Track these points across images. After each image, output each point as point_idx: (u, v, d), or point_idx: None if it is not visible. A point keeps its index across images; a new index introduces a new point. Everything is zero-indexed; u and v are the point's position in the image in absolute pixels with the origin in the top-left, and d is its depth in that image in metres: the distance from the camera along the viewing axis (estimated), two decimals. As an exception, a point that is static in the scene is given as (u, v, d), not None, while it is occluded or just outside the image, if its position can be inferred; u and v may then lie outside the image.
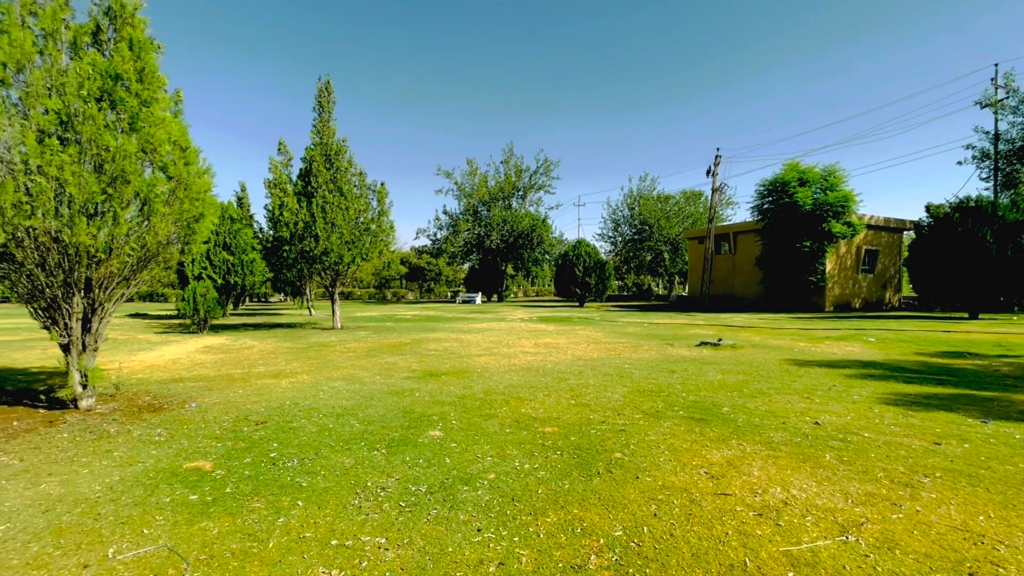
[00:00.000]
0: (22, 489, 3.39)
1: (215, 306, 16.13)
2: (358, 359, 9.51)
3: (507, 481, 3.48)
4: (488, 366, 8.49)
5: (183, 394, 6.49)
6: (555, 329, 15.82)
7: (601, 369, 8.05)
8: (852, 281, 26.83)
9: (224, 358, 9.89)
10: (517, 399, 5.96)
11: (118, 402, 6.06)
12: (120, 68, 5.28)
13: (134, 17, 5.63)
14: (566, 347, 11.04)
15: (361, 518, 2.92)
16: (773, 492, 3.26)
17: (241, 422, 5.08)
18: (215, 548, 2.57)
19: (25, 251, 5.03)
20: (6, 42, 4.81)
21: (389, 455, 4.03)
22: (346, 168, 16.10)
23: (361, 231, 16.30)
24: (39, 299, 5.39)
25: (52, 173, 4.79)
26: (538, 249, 46.29)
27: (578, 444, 4.27)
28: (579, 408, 5.51)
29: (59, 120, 5.00)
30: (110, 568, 2.40)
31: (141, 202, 5.61)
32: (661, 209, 46.92)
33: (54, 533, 2.75)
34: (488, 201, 46.99)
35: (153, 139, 5.51)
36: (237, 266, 24.52)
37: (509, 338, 13.09)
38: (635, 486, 3.38)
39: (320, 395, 6.33)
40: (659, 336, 13.31)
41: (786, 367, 8.17)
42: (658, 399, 5.91)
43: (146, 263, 6.03)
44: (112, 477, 3.59)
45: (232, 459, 3.96)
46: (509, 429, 4.73)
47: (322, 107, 16.05)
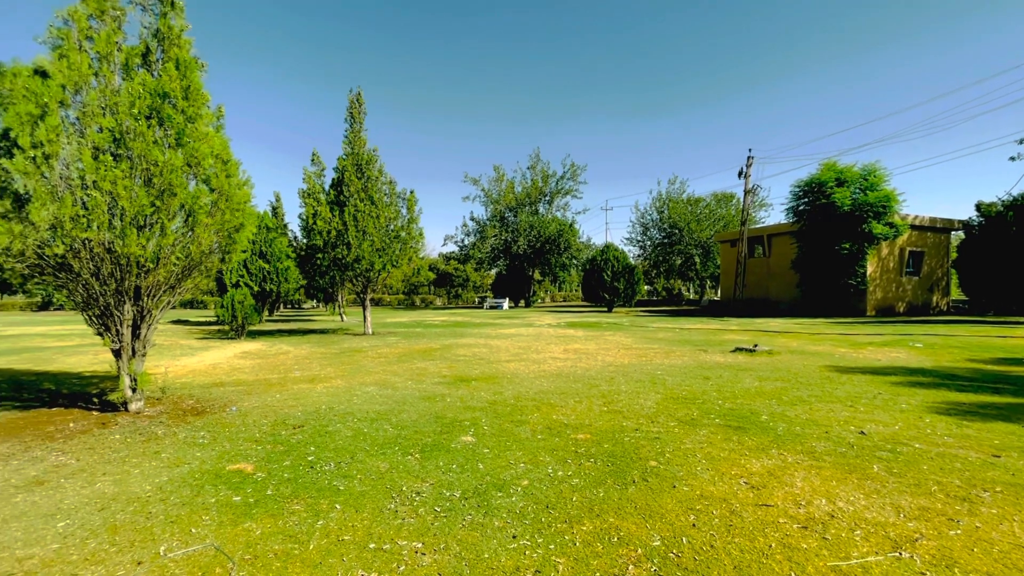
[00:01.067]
0: (79, 487, 3.57)
1: (252, 313, 16.67)
2: (390, 364, 9.65)
3: (541, 488, 3.47)
4: (518, 372, 8.48)
5: (224, 398, 6.72)
6: (584, 335, 15.70)
7: (632, 375, 7.94)
8: (895, 284, 25.70)
9: (261, 363, 10.19)
10: (548, 405, 5.94)
11: (164, 405, 6.31)
12: (167, 87, 5.55)
13: (180, 38, 5.91)
14: (596, 353, 10.94)
15: (397, 522, 2.96)
16: (818, 504, 3.13)
17: (279, 426, 5.22)
18: (259, 548, 2.65)
19: (81, 261, 5.32)
20: (65, 65, 5.12)
21: (423, 460, 4.07)
22: (377, 177, 16.45)
23: (391, 238, 16.60)
24: (94, 307, 5.69)
25: (106, 188, 5.07)
26: (565, 254, 46.14)
27: (612, 451, 4.22)
28: (611, 415, 5.45)
29: (112, 137, 5.29)
30: (162, 565, 2.49)
31: (186, 213, 5.86)
32: (691, 212, 46.08)
33: (110, 530, 2.88)
34: (515, 207, 47.16)
35: (197, 153, 5.76)
36: (272, 274, 25.33)
37: (538, 344, 13.06)
38: (672, 495, 3.31)
39: (354, 400, 6.45)
40: (691, 342, 13.04)
41: (827, 374, 7.87)
42: (693, 406, 5.78)
43: (190, 272, 6.29)
44: (161, 477, 3.75)
45: (272, 462, 4.07)
46: (541, 435, 4.71)
47: (353, 118, 16.46)
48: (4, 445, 4.65)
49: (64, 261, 5.29)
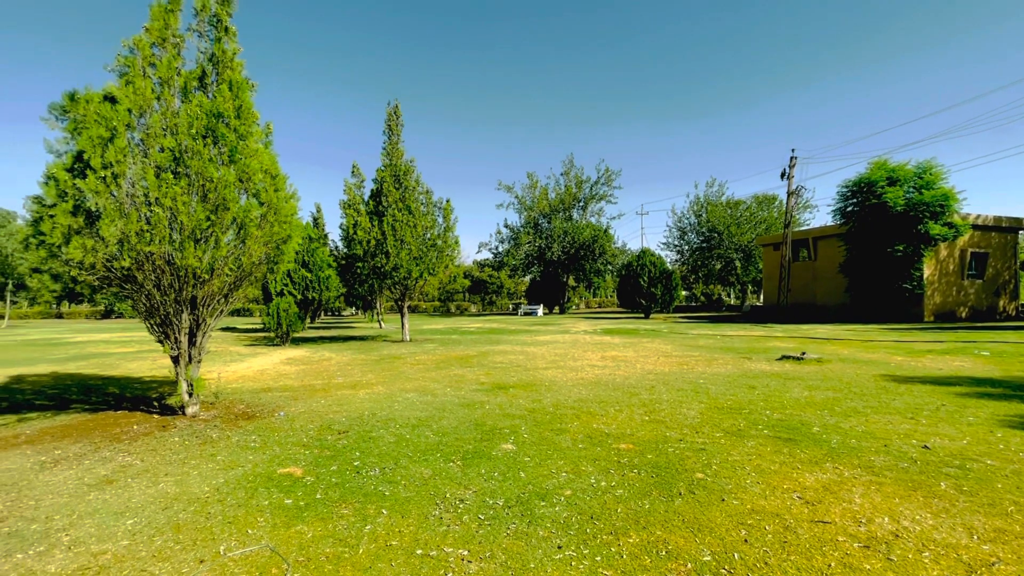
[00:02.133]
0: (144, 487, 3.78)
1: (296, 320, 17.27)
2: (428, 371, 9.79)
3: (584, 498, 3.43)
4: (555, 379, 8.44)
5: (272, 403, 6.98)
6: (621, 342, 15.48)
7: (674, 384, 7.76)
8: (956, 288, 24.16)
9: (306, 369, 10.53)
10: (588, 414, 5.88)
11: (217, 409, 6.61)
12: (222, 107, 5.87)
13: (233, 61, 6.24)
14: (634, 360, 10.76)
15: (443, 529, 2.99)
16: (880, 522, 2.97)
17: (325, 431, 5.38)
18: (311, 551, 2.73)
19: (145, 273, 5.66)
20: (131, 91, 5.50)
21: (465, 467, 4.10)
22: (414, 187, 16.79)
23: (428, 247, 16.89)
24: (155, 315, 6.04)
25: (167, 204, 5.39)
26: (600, 260, 45.68)
27: (655, 462, 4.13)
28: (654, 425, 5.34)
29: (173, 156, 5.62)
30: (222, 564, 2.61)
31: (238, 226, 6.15)
32: (731, 215, 44.82)
33: (173, 529, 3.04)
34: (549, 213, 47.11)
35: (248, 169, 6.05)
36: (314, 282, 26.17)
37: (574, 351, 12.97)
38: (721, 509, 3.21)
39: (395, 406, 6.57)
40: (734, 349, 12.64)
41: (883, 384, 7.46)
42: (739, 417, 5.60)
43: (241, 282, 6.59)
44: (218, 479, 3.92)
45: (320, 466, 4.19)
46: (582, 444, 4.66)
47: (391, 130, 16.89)
48: (77, 445, 4.98)
49: (130, 273, 5.64)
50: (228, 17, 6.28)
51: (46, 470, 4.25)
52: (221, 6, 6.25)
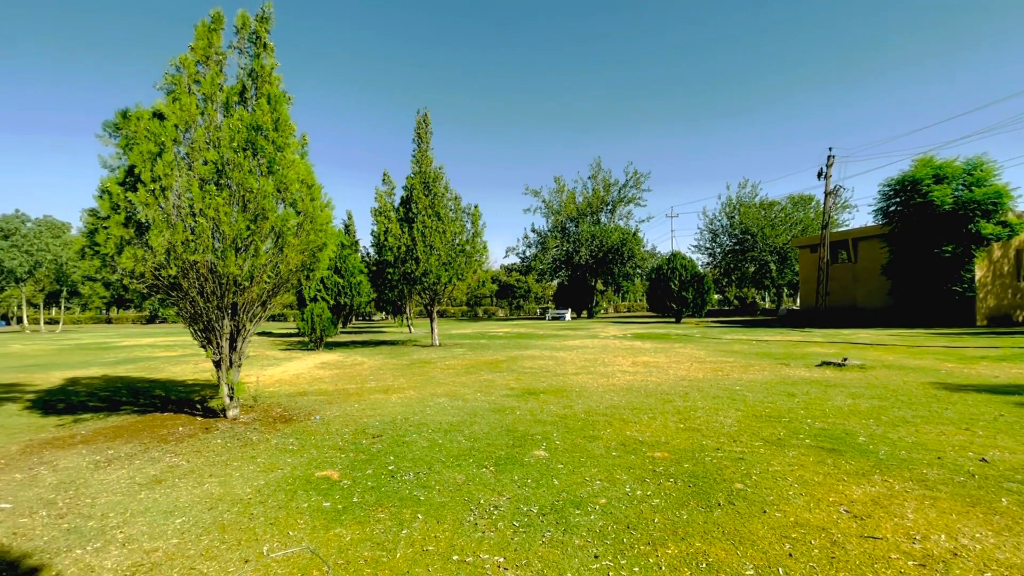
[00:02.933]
0: (191, 487, 3.92)
1: (329, 325, 17.68)
2: (458, 376, 9.85)
3: (619, 507, 3.38)
4: (586, 385, 8.36)
5: (308, 407, 7.15)
6: (652, 347, 15.23)
7: (708, 391, 7.58)
8: (1012, 290, 22.82)
9: (339, 373, 10.76)
10: (620, 421, 5.80)
11: (256, 413, 6.81)
12: (261, 120, 6.08)
13: (271, 75, 6.47)
14: (666, 366, 10.56)
15: (478, 535, 2.99)
16: (936, 540, 2.82)
17: (359, 435, 5.47)
18: (350, 554, 2.78)
19: (190, 281, 5.90)
20: (178, 107, 5.76)
21: (498, 473, 4.10)
22: (443, 193, 17.00)
23: (457, 252, 17.05)
24: (199, 321, 6.28)
25: (210, 214, 5.61)
26: (629, 263, 45.15)
27: (692, 472, 4.03)
28: (689, 432, 5.22)
29: (215, 168, 5.86)
30: (266, 564, 2.68)
31: (276, 235, 6.35)
32: (765, 216, 43.63)
33: (219, 528, 3.14)
34: (576, 217, 46.91)
35: (286, 179, 6.24)
36: (346, 288, 26.74)
37: (604, 356, 12.83)
38: (763, 521, 3.11)
39: (427, 411, 6.64)
40: (771, 355, 12.27)
41: (932, 392, 7.10)
42: (778, 425, 5.42)
43: (279, 289, 6.79)
44: (259, 481, 4.04)
45: (355, 470, 4.27)
46: (615, 452, 4.60)
47: (420, 138, 17.16)
48: (128, 446, 5.22)
49: (176, 281, 5.89)
50: (266, 33, 6.52)
51: (100, 469, 4.46)
52: (260, 23, 6.49)
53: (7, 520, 3.37)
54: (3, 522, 3.34)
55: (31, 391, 9.01)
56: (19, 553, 2.88)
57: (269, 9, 6.56)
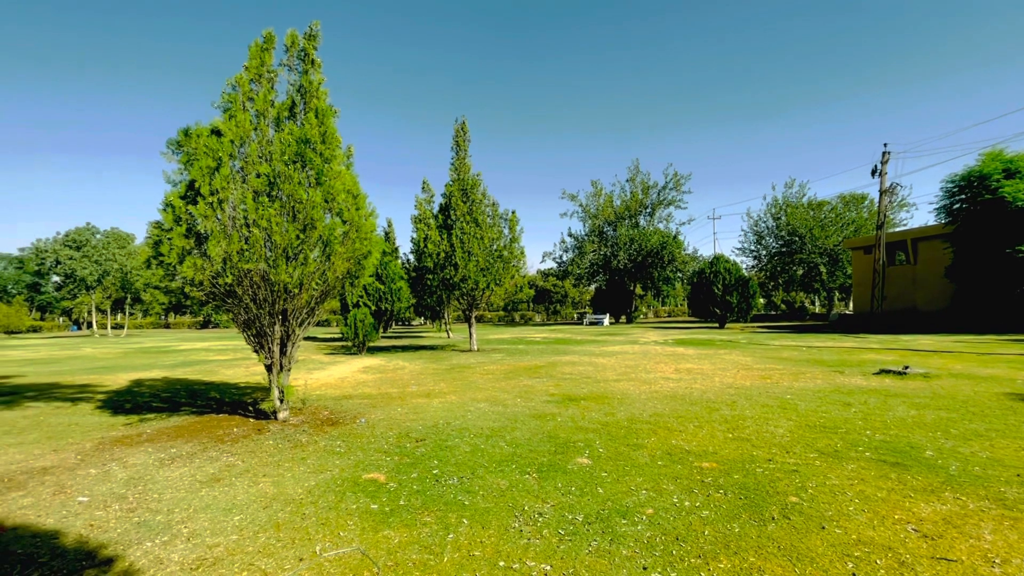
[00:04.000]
0: (247, 486, 4.10)
1: (371, 330, 18.14)
2: (497, 381, 9.89)
3: (667, 518, 3.29)
4: (628, 392, 8.22)
5: (353, 410, 7.34)
6: (696, 353, 14.82)
7: (757, 399, 7.30)
8: (1095, 292, 20.88)
9: (381, 378, 11.01)
10: (665, 429, 5.66)
11: (305, 415, 7.05)
12: (309, 133, 6.33)
13: (318, 90, 6.73)
14: (711, 373, 10.25)
15: (523, 542, 2.98)
16: (1019, 564, 2.60)
17: (403, 438, 5.57)
18: (399, 556, 2.83)
19: (243, 288, 6.19)
20: (234, 124, 6.08)
21: (541, 480, 4.08)
22: (480, 200, 17.18)
23: (494, 258, 17.17)
24: (252, 327, 6.57)
25: (263, 224, 5.87)
26: (669, 267, 44.22)
27: (743, 483, 3.89)
28: (738, 442, 5.04)
29: (268, 181, 6.13)
30: (319, 563, 2.76)
31: (323, 243, 6.58)
32: (814, 217, 41.76)
33: (274, 527, 3.27)
34: (614, 221, 46.35)
35: (333, 190, 6.46)
36: (387, 294, 27.37)
37: (645, 362, 12.58)
38: (822, 537, 2.96)
39: (468, 415, 6.69)
40: (823, 362, 11.70)
41: (1009, 404, 6.58)
42: (835, 436, 5.15)
43: (326, 296, 7.02)
44: (309, 482, 4.17)
45: (401, 473, 4.35)
46: (661, 461, 4.50)
47: (459, 146, 17.42)
48: (188, 445, 5.51)
49: (231, 289, 6.19)
50: (314, 50, 6.79)
51: (165, 466, 4.73)
52: (308, 41, 6.77)
53: (85, 512, 3.61)
54: (81, 514, 3.59)
55: (101, 391, 9.66)
56: (96, 544, 3.09)
57: (316, 27, 6.84)
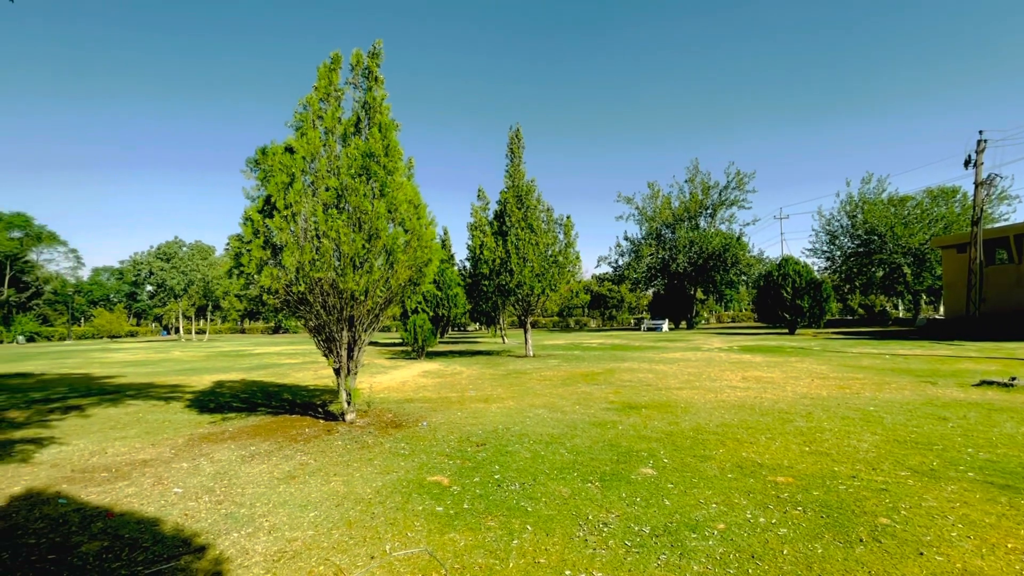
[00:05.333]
0: (320, 484, 4.30)
1: (430, 336, 18.61)
2: (555, 387, 9.83)
3: (740, 534, 3.13)
4: (692, 401, 7.91)
5: (415, 413, 7.54)
6: (764, 361, 14.05)
7: (836, 410, 6.80)
8: None
9: (441, 382, 11.24)
10: (734, 440, 5.39)
11: (370, 417, 7.32)
12: (373, 147, 6.62)
13: (381, 106, 7.03)
14: (782, 382, 9.67)
15: (589, 552, 2.93)
16: None
17: (464, 442, 5.65)
18: (465, 559, 2.86)
19: (315, 296, 6.55)
20: (305, 141, 6.46)
21: (604, 489, 4.00)
22: (535, 206, 17.22)
23: (549, 263, 17.13)
24: (322, 332, 6.92)
25: (332, 236, 6.19)
26: (732, 270, 42.23)
27: (824, 501, 3.63)
28: (816, 457, 4.72)
29: (336, 194, 6.47)
30: (389, 562, 2.85)
31: (387, 252, 6.84)
32: (895, 214, 38.48)
33: (346, 524, 3.41)
34: (672, 223, 44.94)
35: (395, 201, 6.71)
36: (444, 300, 28.02)
37: (709, 370, 12.06)
38: (920, 564, 2.70)
39: (526, 421, 6.69)
40: (911, 372, 10.73)
41: None
42: (929, 454, 4.70)
43: (389, 302, 7.28)
44: (377, 483, 4.33)
45: (463, 477, 4.41)
46: (731, 474, 4.28)
47: (513, 153, 17.59)
48: (266, 443, 5.87)
49: (303, 296, 6.56)
50: (377, 68, 7.10)
51: (246, 463, 5.06)
52: (371, 59, 7.10)
53: (180, 503, 3.94)
54: (177, 504, 3.91)
55: (189, 392, 10.51)
56: (190, 532, 3.35)
57: (379, 45, 7.15)
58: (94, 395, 10.10)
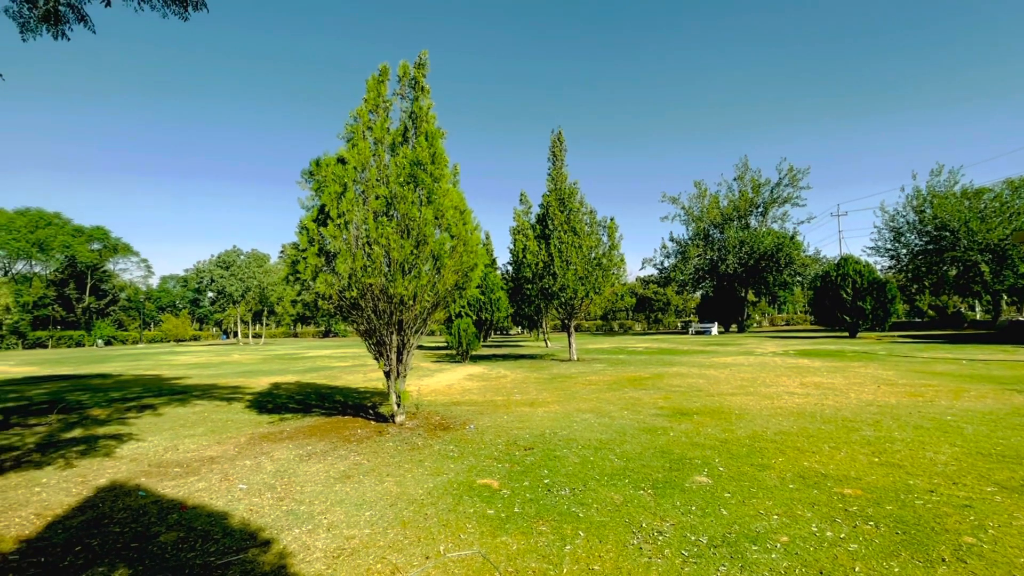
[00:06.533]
0: (374, 484, 4.42)
1: (474, 339, 18.80)
2: (601, 392, 9.69)
3: (806, 548, 2.97)
4: (746, 407, 7.60)
5: (462, 416, 7.63)
6: (823, 366, 13.32)
7: (907, 419, 6.36)
8: None
9: (485, 385, 11.33)
10: (794, 449, 5.14)
11: (418, 420, 7.47)
12: (420, 155, 6.78)
13: (428, 115, 7.19)
14: (845, 388, 9.13)
15: (644, 560, 2.87)
16: None
17: (512, 446, 5.66)
18: (518, 563, 2.86)
19: (366, 301, 6.76)
20: (356, 152, 6.70)
21: (657, 497, 3.90)
22: (578, 208, 17.10)
23: (593, 266, 16.94)
24: (373, 336, 7.13)
25: (383, 242, 6.38)
26: (786, 271, 40.34)
27: (899, 516, 3.39)
28: (887, 468, 4.42)
29: (385, 202, 6.66)
30: (444, 563, 2.89)
31: (434, 258, 6.97)
32: (970, 208, 35.56)
33: (400, 524, 3.48)
34: (720, 223, 43.49)
35: (442, 207, 6.84)
36: (487, 304, 28.27)
37: (764, 375, 11.56)
38: (1014, 590, 2.47)
39: (574, 426, 6.63)
40: (993, 378, 9.88)
41: None
42: (1020, 468, 4.31)
43: (436, 307, 7.41)
44: (428, 484, 4.40)
45: (512, 480, 4.42)
46: (792, 484, 4.08)
47: (555, 156, 17.56)
48: (321, 443, 6.09)
49: (355, 301, 6.78)
50: (423, 78, 7.28)
51: (303, 462, 5.27)
52: (417, 69, 7.28)
53: (245, 499, 4.15)
54: (242, 500, 4.12)
55: (248, 393, 11.07)
56: (255, 527, 3.53)
57: (425, 56, 7.33)
58: (165, 395, 10.82)
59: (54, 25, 5.18)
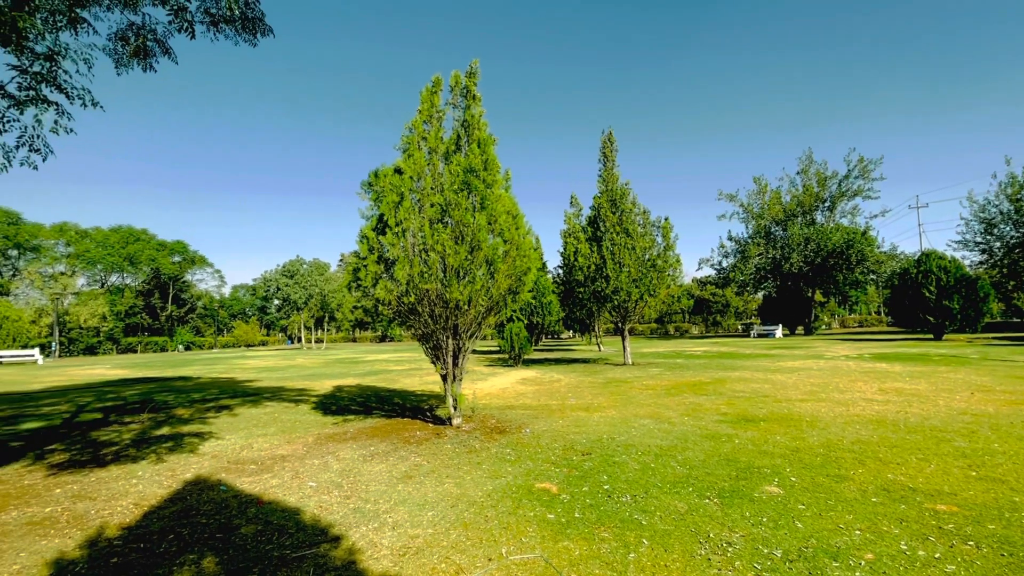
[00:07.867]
0: (434, 485, 4.52)
1: (526, 343, 18.83)
2: (659, 397, 9.43)
3: (895, 567, 2.75)
4: (818, 414, 7.15)
5: (517, 420, 7.65)
6: (904, 370, 12.30)
7: (1008, 429, 5.75)
8: None
9: (539, 389, 11.30)
10: (875, 460, 4.77)
11: (474, 423, 7.56)
12: (473, 163, 6.89)
13: (480, 122, 7.30)
14: (931, 395, 8.39)
15: (713, 572, 2.75)
16: None
17: (569, 451, 5.61)
18: (581, 569, 2.83)
19: (423, 306, 6.94)
20: (412, 162, 6.91)
21: (724, 506, 3.74)
22: (630, 209, 16.77)
23: (647, 268, 16.54)
24: (430, 340, 7.30)
25: (438, 249, 6.53)
26: (858, 269, 37.61)
27: (1003, 536, 3.07)
28: (986, 483, 4.01)
29: (440, 209, 6.82)
30: (506, 565, 2.91)
31: (488, 263, 7.06)
32: (1074, 194, 31.84)
33: (462, 525, 3.54)
34: (783, 219, 41.22)
35: (495, 212, 6.92)
36: (538, 308, 28.27)
37: (837, 380, 10.82)
38: None
39: (632, 432, 6.48)
40: (1110, 384, 8.76)
41: None
42: None
43: (490, 311, 7.49)
44: (487, 486, 4.44)
45: (571, 485, 4.38)
46: (876, 498, 3.79)
47: (606, 157, 17.33)
48: (383, 444, 6.30)
49: (413, 307, 6.98)
50: (474, 86, 7.41)
51: (367, 462, 5.47)
52: (469, 78, 7.42)
53: (315, 496, 4.36)
54: (312, 497, 4.33)
55: (313, 395, 11.63)
56: (325, 523, 3.70)
57: (476, 65, 7.46)
58: (239, 396, 11.58)
59: (143, 59, 5.71)
